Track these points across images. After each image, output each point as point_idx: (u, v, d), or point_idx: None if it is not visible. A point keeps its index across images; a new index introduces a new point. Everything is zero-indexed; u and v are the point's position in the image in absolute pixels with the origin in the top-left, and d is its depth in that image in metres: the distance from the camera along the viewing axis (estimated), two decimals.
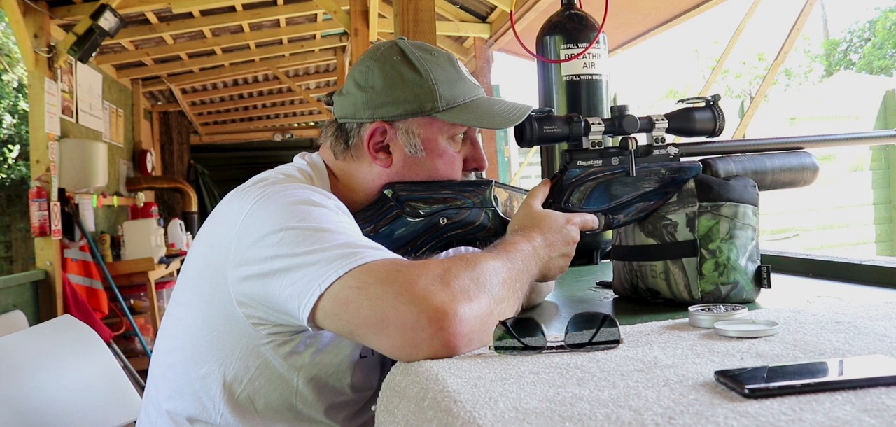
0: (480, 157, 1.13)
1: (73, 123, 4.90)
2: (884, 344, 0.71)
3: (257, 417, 1.00)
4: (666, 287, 1.04)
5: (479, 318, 0.81)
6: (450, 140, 1.09)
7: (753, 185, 1.05)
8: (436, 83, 1.05)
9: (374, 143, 1.07)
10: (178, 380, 1.03)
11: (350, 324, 0.83)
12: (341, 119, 1.10)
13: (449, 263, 0.85)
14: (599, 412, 0.55)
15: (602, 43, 1.57)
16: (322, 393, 1.02)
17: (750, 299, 1.03)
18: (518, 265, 0.93)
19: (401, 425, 0.68)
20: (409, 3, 2.08)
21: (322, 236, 0.87)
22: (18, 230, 8.78)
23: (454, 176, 1.10)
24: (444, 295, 0.79)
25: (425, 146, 1.07)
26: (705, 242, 1.01)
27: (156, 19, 5.14)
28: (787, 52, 4.61)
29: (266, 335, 0.96)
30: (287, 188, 0.96)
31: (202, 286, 1.00)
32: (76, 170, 4.58)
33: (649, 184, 1.07)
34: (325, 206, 0.93)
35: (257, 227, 0.92)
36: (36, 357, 1.25)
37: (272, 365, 0.98)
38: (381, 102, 1.05)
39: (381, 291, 0.80)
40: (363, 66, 1.09)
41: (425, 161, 1.07)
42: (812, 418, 0.50)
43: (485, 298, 0.83)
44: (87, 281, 4.55)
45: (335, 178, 1.11)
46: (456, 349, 0.78)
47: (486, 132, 5.73)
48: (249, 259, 0.91)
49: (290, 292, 0.86)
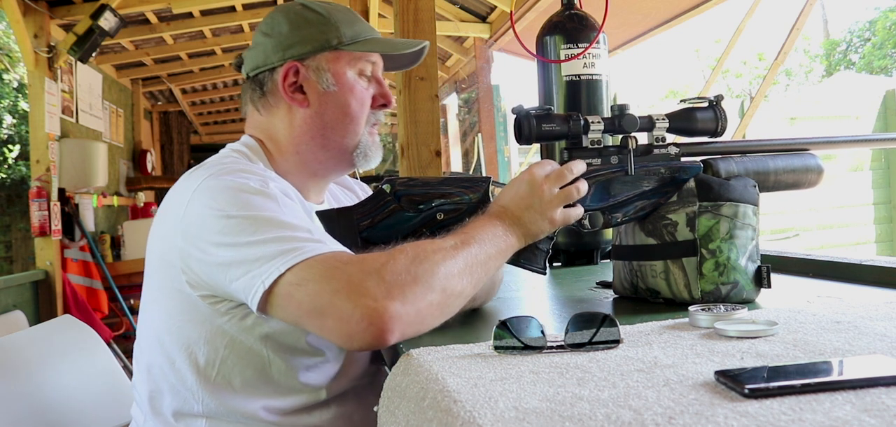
0: (386, 93, 1.19)
1: (73, 123, 4.90)
2: (884, 344, 0.71)
3: (237, 396, 1.02)
4: (666, 287, 1.04)
5: (416, 311, 0.85)
6: (358, 75, 1.16)
7: (754, 185, 1.04)
8: (338, 22, 1.13)
9: (289, 85, 1.13)
10: (156, 379, 1.06)
11: (294, 315, 0.90)
12: (253, 72, 1.16)
13: (388, 257, 0.87)
14: (599, 412, 0.55)
15: (602, 43, 1.57)
16: (292, 357, 1.03)
17: (750, 299, 1.02)
18: (483, 250, 0.94)
19: (401, 425, 0.68)
20: (409, 3, 2.08)
21: (262, 227, 0.92)
22: (18, 230, 8.77)
23: (364, 111, 1.16)
24: (379, 290, 0.83)
25: (336, 81, 1.13)
26: (705, 242, 1.01)
27: (156, 19, 5.14)
28: (787, 52, 4.62)
29: (225, 311, 0.99)
30: (229, 173, 1.00)
31: (161, 280, 1.04)
32: (76, 170, 4.58)
33: (648, 183, 1.07)
34: (264, 192, 0.97)
35: (200, 210, 0.96)
36: (36, 357, 1.25)
37: (239, 340, 1.00)
38: (290, 44, 1.12)
39: (319, 288, 0.86)
40: (268, 18, 1.17)
41: (338, 96, 1.14)
42: (812, 418, 0.50)
43: (421, 291, 0.85)
44: (87, 281, 4.55)
45: (268, 152, 1.16)
46: (387, 342, 0.84)
47: (486, 132, 5.73)
48: (195, 241, 0.96)
49: (237, 286, 0.92)
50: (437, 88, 2.14)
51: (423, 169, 2.08)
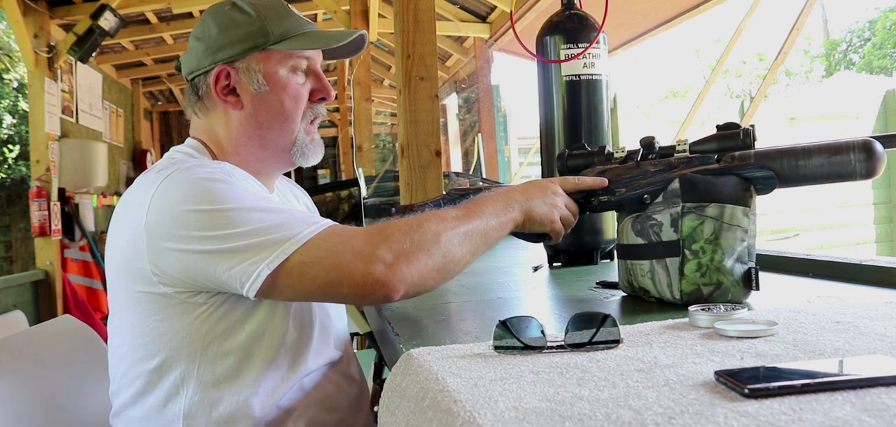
0: (324, 86, 1.18)
1: (73, 123, 4.91)
2: (884, 344, 0.71)
3: (212, 393, 1.03)
4: (652, 286, 1.04)
5: (419, 274, 0.95)
6: (291, 72, 1.14)
7: (746, 187, 1.01)
8: (265, 20, 1.12)
9: (221, 88, 1.13)
10: (130, 386, 1.06)
11: (305, 291, 0.96)
12: (188, 76, 1.16)
13: (394, 227, 0.96)
14: (599, 412, 0.55)
15: (602, 43, 1.57)
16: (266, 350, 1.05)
17: (737, 301, 1.01)
18: (484, 221, 1.02)
19: (401, 425, 0.68)
20: (409, 3, 2.08)
21: (249, 214, 0.95)
22: (18, 230, 8.77)
23: (299, 108, 1.15)
24: (387, 256, 0.93)
25: (267, 81, 1.12)
26: (689, 243, 1.00)
27: (156, 19, 5.14)
28: (787, 52, 4.62)
29: (203, 302, 1.00)
30: (189, 169, 1.00)
31: (126, 288, 1.03)
32: (76, 170, 4.58)
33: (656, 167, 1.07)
34: (231, 181, 0.99)
35: (170, 208, 0.96)
36: (36, 357, 1.25)
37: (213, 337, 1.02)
38: (219, 46, 1.12)
39: (334, 262, 0.94)
40: (199, 20, 1.17)
41: (271, 96, 1.13)
42: (812, 418, 0.50)
43: (423, 256, 0.95)
44: (87, 281, 4.56)
45: (212, 153, 1.15)
46: (394, 299, 0.95)
47: (486, 132, 5.73)
48: (169, 239, 0.96)
49: (233, 274, 0.94)
50: (437, 88, 2.14)
51: (423, 169, 2.08)
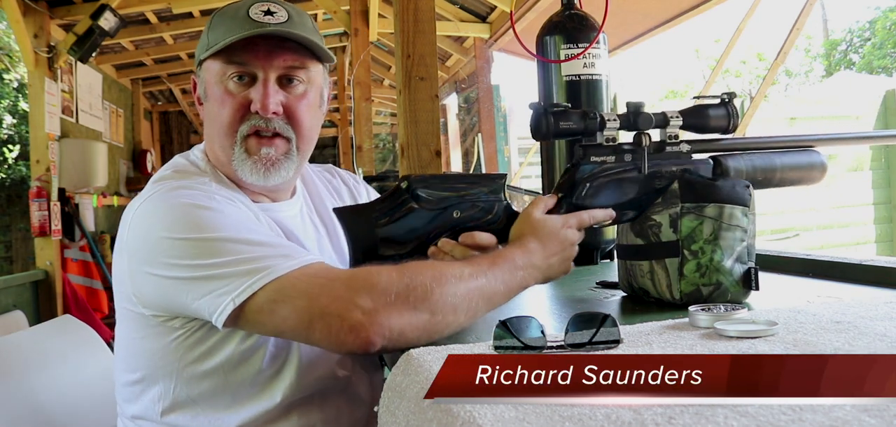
0: (260, 97, 1.06)
1: (73, 123, 4.91)
2: (884, 344, 0.71)
3: (191, 413, 1.05)
4: (652, 286, 1.04)
5: (400, 330, 0.86)
6: (221, 80, 1.08)
7: (745, 185, 1.03)
8: (209, 30, 1.10)
9: (196, 94, 1.17)
10: (125, 393, 1.09)
11: (274, 329, 0.92)
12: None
13: (380, 273, 0.88)
14: (599, 412, 0.55)
15: (602, 43, 1.57)
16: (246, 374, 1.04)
17: (736, 301, 1.01)
18: (490, 285, 0.93)
19: (401, 425, 0.68)
20: (409, 3, 2.07)
21: (224, 245, 0.92)
22: (18, 230, 8.77)
23: (224, 117, 1.08)
24: (366, 304, 0.86)
25: (207, 91, 1.12)
26: (688, 243, 1.01)
27: (156, 19, 5.14)
28: (787, 51, 4.61)
29: (179, 328, 1.01)
30: (172, 191, 1.00)
31: (119, 300, 1.06)
32: (76, 170, 4.58)
33: (660, 181, 1.07)
34: (211, 207, 0.97)
35: (148, 231, 0.97)
36: (36, 357, 1.25)
37: (191, 360, 1.02)
38: (198, 54, 1.14)
39: (306, 304, 0.88)
40: None
41: (208, 105, 1.12)
42: (812, 418, 0.50)
43: (408, 312, 0.86)
44: (87, 281, 4.56)
45: (210, 162, 1.14)
46: (372, 350, 0.86)
47: (486, 132, 5.73)
48: (146, 263, 0.96)
49: (202, 304, 0.92)
50: (437, 88, 2.14)
51: (422, 169, 2.07)
